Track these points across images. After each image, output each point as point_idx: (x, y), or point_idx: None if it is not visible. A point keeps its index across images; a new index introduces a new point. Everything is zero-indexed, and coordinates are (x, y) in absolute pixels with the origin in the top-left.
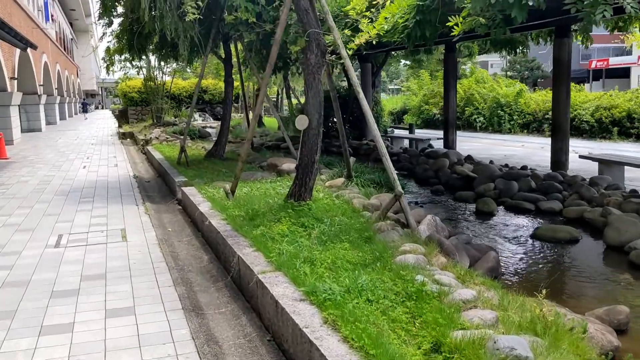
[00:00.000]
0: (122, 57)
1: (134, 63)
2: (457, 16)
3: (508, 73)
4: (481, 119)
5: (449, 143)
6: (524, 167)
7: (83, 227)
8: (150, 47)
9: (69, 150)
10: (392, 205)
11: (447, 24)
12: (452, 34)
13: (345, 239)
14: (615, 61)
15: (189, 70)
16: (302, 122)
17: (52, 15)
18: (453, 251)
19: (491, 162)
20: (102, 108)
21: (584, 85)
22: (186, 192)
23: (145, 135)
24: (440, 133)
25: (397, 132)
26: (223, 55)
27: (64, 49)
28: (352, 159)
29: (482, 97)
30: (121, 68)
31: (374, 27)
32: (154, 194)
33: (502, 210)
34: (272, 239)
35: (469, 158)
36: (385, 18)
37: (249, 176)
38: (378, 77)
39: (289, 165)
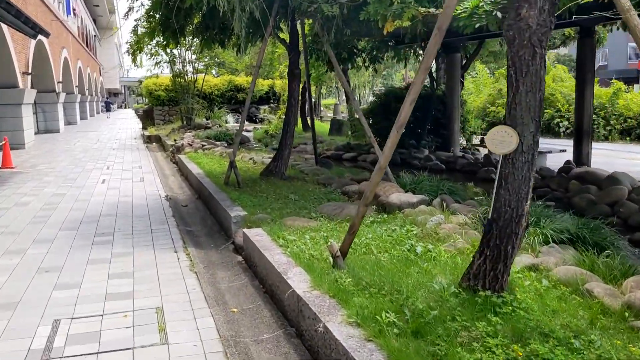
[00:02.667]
0: (153, 42)
1: (167, 51)
2: None
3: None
4: (565, 123)
5: (583, 157)
6: None
7: (95, 302)
8: (191, 28)
9: (86, 157)
10: None
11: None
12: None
13: None
14: None
15: (232, 62)
16: (500, 139)
17: (74, 9)
18: None
19: None
20: (125, 107)
21: (632, 86)
22: (252, 239)
23: (174, 140)
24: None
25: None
26: (287, 39)
27: (87, 46)
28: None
29: (565, 97)
30: (151, 57)
31: None
32: (196, 228)
33: None
34: None
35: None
36: None
37: (334, 210)
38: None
39: (399, 196)
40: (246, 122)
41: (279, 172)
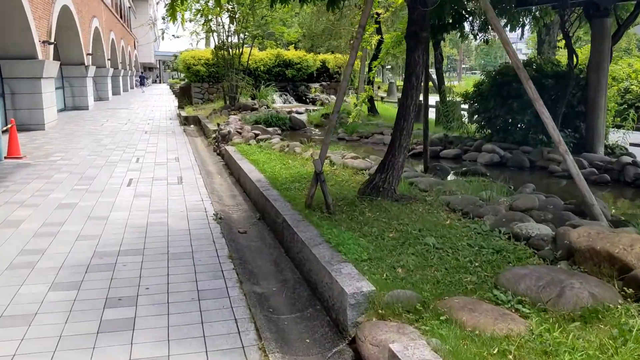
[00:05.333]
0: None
1: (220, 5)
2: None
3: None
4: None
5: None
6: None
7: None
8: None
9: (113, 143)
10: None
11: None
12: None
13: None
14: None
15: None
16: None
17: None
18: None
19: None
20: (160, 82)
21: None
22: None
23: (218, 124)
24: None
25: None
26: None
27: (121, 17)
28: None
29: None
30: (190, 20)
31: None
32: (270, 288)
33: None
34: None
35: None
36: None
37: (538, 287)
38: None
39: None
40: (294, 102)
41: (388, 190)
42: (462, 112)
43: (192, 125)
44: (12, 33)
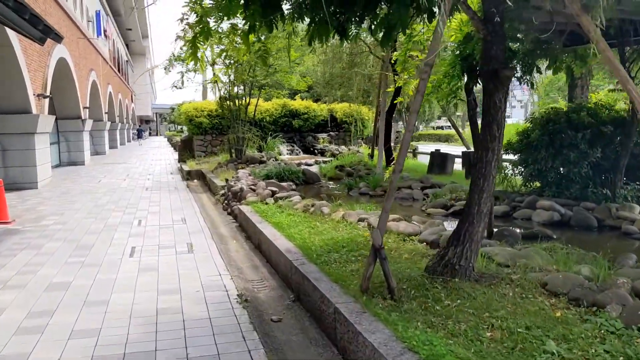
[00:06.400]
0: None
1: (249, 40)
2: None
3: None
4: None
5: None
6: None
7: None
8: (288, 4)
9: (111, 203)
10: None
11: None
12: None
13: None
14: None
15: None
16: None
17: (105, 31)
18: None
19: None
20: (157, 135)
21: None
22: None
23: (226, 179)
24: None
25: None
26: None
27: (118, 70)
28: None
29: None
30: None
31: None
32: None
33: None
34: None
35: None
36: None
37: None
38: None
39: None
40: (302, 153)
41: (465, 268)
42: (504, 163)
43: (195, 180)
44: (4, 86)
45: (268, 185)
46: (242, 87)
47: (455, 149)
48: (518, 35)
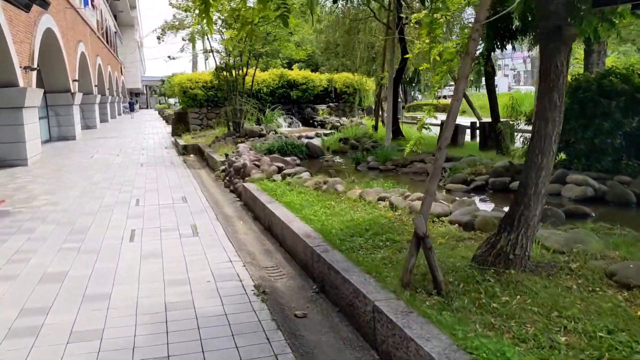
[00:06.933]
0: None
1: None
2: None
3: None
4: None
5: None
6: None
7: None
8: None
9: (106, 180)
10: None
11: None
12: None
13: None
14: None
15: None
16: None
17: (92, 1)
18: None
19: None
20: (147, 108)
21: None
22: None
23: (226, 155)
24: None
25: None
26: None
27: (107, 42)
28: None
29: None
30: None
31: None
32: None
33: None
34: None
35: None
36: None
37: None
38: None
39: None
40: (301, 126)
41: (520, 257)
42: (523, 134)
43: (192, 155)
44: None
45: (273, 160)
46: (239, 57)
47: (459, 120)
48: None
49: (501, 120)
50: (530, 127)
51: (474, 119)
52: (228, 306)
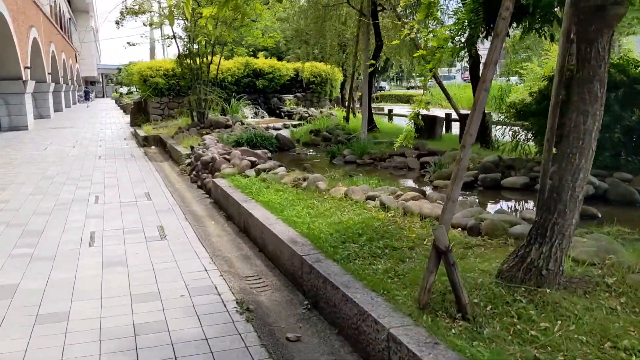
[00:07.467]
0: None
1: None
2: None
3: None
4: None
5: None
6: None
7: None
8: None
9: (61, 174)
10: None
11: None
12: None
13: None
14: None
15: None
16: None
17: None
18: None
19: None
20: (103, 97)
21: None
22: None
23: (191, 147)
24: None
25: None
26: None
27: (61, 28)
28: None
29: None
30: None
31: None
32: None
33: None
34: None
35: None
36: None
37: None
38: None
39: None
40: (267, 116)
41: (554, 273)
42: (516, 128)
43: (153, 147)
44: None
45: (244, 154)
46: (204, 44)
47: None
48: None
49: (485, 112)
50: (520, 122)
51: (449, 110)
52: (208, 328)
